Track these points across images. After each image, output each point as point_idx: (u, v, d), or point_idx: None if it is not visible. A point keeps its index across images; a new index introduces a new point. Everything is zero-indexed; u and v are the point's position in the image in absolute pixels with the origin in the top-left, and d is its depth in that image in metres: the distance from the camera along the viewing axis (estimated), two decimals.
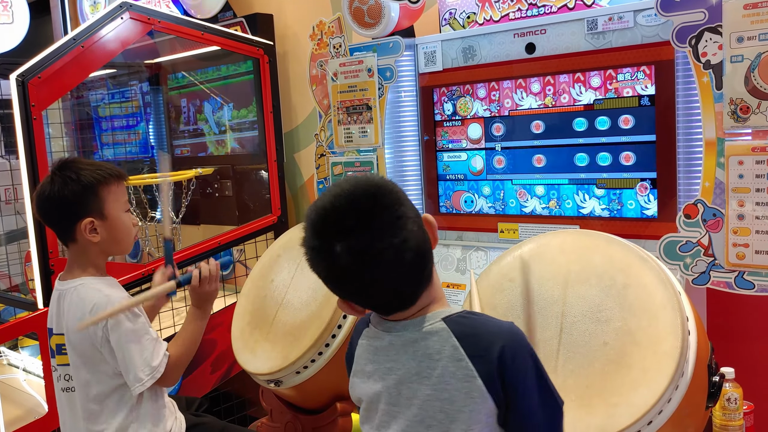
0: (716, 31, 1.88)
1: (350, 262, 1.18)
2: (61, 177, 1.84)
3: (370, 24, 2.64)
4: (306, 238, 1.25)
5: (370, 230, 1.18)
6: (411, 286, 1.24)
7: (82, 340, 1.83)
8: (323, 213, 1.22)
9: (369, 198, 1.20)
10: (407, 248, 1.19)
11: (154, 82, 4.04)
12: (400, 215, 1.19)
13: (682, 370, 1.51)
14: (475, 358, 1.18)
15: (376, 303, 1.29)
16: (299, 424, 2.28)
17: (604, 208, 2.26)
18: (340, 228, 1.19)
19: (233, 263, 2.07)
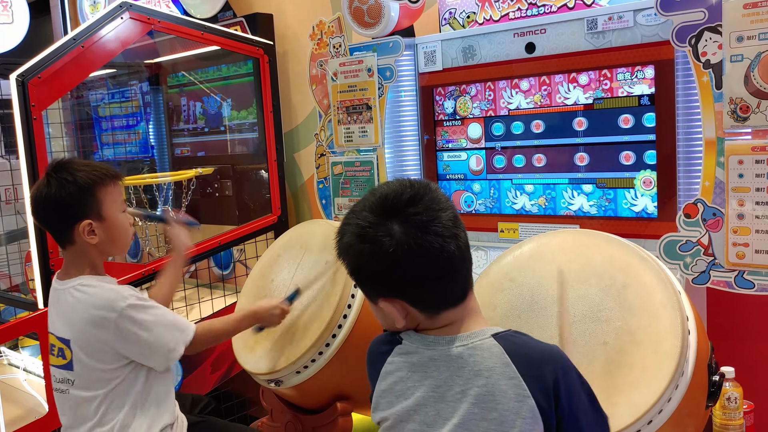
0: (716, 30, 1.88)
1: (406, 235, 1.17)
2: (57, 179, 1.82)
3: (370, 24, 2.64)
4: (352, 236, 1.25)
5: (423, 203, 1.20)
6: (462, 273, 1.24)
7: (90, 339, 1.81)
8: (382, 196, 1.23)
9: (420, 185, 1.24)
10: (457, 225, 1.21)
11: (154, 81, 4.05)
12: (449, 204, 1.23)
13: (682, 369, 1.51)
14: (528, 378, 1.15)
15: (428, 293, 1.24)
16: (299, 423, 2.28)
17: (603, 208, 2.26)
18: (395, 206, 1.20)
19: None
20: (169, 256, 3.11)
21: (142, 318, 1.81)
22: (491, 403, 1.15)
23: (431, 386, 1.22)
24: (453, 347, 1.21)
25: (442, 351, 1.22)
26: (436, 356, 1.23)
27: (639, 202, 2.18)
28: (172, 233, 2.24)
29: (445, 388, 1.20)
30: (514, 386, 1.14)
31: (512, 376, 1.15)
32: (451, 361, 1.20)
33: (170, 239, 2.26)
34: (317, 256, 2.21)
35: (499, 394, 1.15)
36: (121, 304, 1.79)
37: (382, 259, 1.20)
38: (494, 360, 1.17)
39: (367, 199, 1.25)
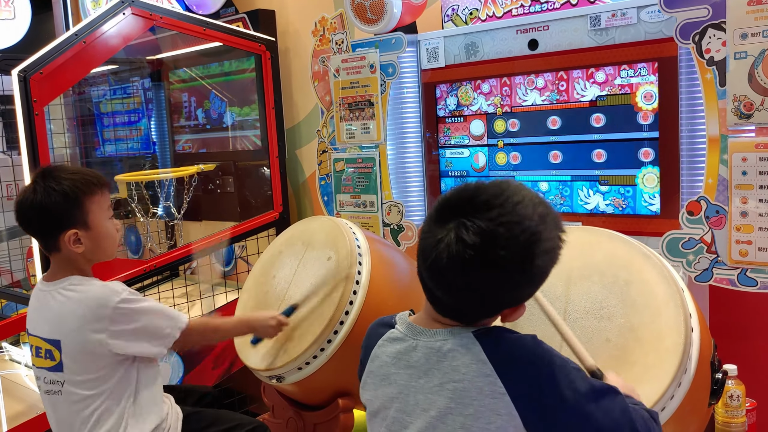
0: (720, 27, 1.87)
1: (469, 240, 1.12)
2: (44, 187, 1.78)
3: (373, 20, 2.63)
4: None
5: (492, 217, 1.13)
6: (472, 305, 1.20)
7: (82, 338, 1.78)
8: (461, 191, 1.19)
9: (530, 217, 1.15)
10: (493, 276, 1.14)
11: (156, 78, 4.04)
12: (527, 255, 1.14)
13: (685, 367, 1.51)
14: (504, 376, 1.14)
15: (436, 295, 1.22)
16: (301, 420, 2.27)
17: (607, 204, 2.26)
18: (474, 206, 1.15)
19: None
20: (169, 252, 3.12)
21: (136, 308, 1.81)
22: (467, 399, 1.16)
23: (412, 376, 1.23)
24: (434, 341, 1.22)
25: (424, 343, 1.23)
26: (419, 347, 1.24)
27: (642, 200, 2.18)
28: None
29: (424, 380, 1.21)
30: (490, 383, 1.14)
31: (488, 373, 1.15)
32: (432, 354, 1.21)
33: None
34: (319, 253, 2.21)
35: (474, 390, 1.15)
36: (115, 298, 1.77)
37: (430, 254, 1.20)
38: (471, 356, 1.17)
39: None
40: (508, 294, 1.20)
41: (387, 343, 1.30)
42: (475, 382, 1.15)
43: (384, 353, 1.30)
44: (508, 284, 1.17)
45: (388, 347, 1.29)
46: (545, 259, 1.18)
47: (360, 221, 2.78)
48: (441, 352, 1.20)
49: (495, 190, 1.16)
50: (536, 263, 1.16)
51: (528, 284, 1.21)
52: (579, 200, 2.32)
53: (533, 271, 1.17)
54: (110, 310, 1.77)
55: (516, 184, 1.20)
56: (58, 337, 1.82)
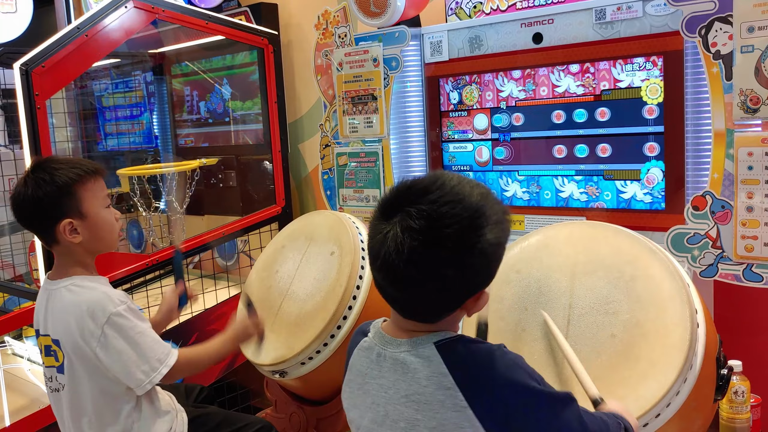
0: (727, 20, 1.86)
1: (414, 225, 1.11)
2: (35, 179, 1.76)
3: (376, 13, 2.62)
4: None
5: (432, 209, 1.12)
6: (430, 304, 1.18)
7: (76, 338, 1.76)
8: (404, 184, 1.18)
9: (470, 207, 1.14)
10: (445, 258, 1.12)
11: (158, 71, 4.03)
12: (474, 231, 1.13)
13: (690, 362, 1.50)
14: (465, 389, 1.13)
15: (394, 296, 1.20)
16: (304, 415, 2.27)
17: (611, 199, 2.24)
18: (413, 195, 1.14)
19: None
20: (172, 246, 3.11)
21: (130, 325, 1.76)
22: (430, 412, 1.15)
23: (382, 387, 1.22)
24: (399, 352, 1.21)
25: (391, 353, 1.22)
26: (387, 356, 1.23)
27: (647, 194, 2.17)
28: (167, 295, 2.19)
29: (393, 391, 1.20)
30: (451, 396, 1.13)
31: (449, 386, 1.13)
32: (397, 365, 1.20)
33: (165, 296, 2.20)
34: (322, 248, 2.20)
35: (436, 403, 1.14)
36: (111, 308, 1.74)
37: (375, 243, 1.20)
38: (432, 369, 1.16)
39: None
40: (464, 279, 1.16)
41: (360, 351, 1.30)
42: (436, 396, 1.14)
43: (358, 362, 1.29)
44: (462, 266, 1.14)
45: (361, 356, 1.29)
46: (495, 233, 1.15)
47: (363, 216, 2.77)
48: (405, 364, 1.19)
49: (430, 179, 1.17)
50: (486, 238, 1.14)
51: (483, 264, 1.17)
52: (582, 195, 2.31)
53: (484, 247, 1.14)
54: (104, 318, 1.74)
55: (449, 172, 1.20)
56: (58, 337, 1.81)
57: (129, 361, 1.76)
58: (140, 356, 1.77)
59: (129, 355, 1.75)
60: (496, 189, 2.51)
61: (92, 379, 1.79)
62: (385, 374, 1.22)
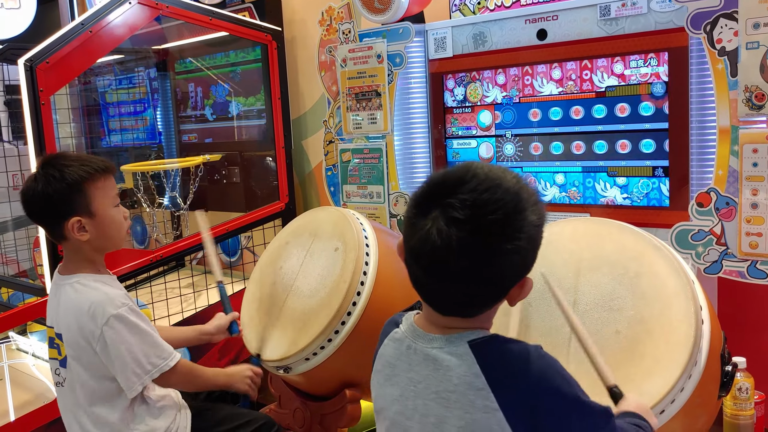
0: (732, 17, 1.85)
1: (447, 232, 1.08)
2: (45, 175, 1.76)
3: (380, 9, 2.62)
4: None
5: (471, 206, 1.08)
6: (466, 299, 1.15)
7: (77, 336, 1.78)
8: (443, 175, 1.15)
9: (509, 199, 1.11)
10: (495, 245, 1.09)
11: (162, 68, 4.03)
12: (519, 213, 1.10)
13: (695, 359, 1.50)
14: (498, 390, 1.10)
15: (439, 293, 1.18)
16: (308, 410, 2.28)
17: (616, 196, 2.24)
18: (449, 187, 1.11)
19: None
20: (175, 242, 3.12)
21: (128, 329, 1.76)
22: (460, 411, 1.13)
23: (412, 380, 1.21)
24: (431, 347, 1.19)
25: (421, 348, 1.20)
26: (418, 351, 1.21)
27: (651, 191, 2.16)
28: (220, 320, 2.22)
29: (422, 386, 1.19)
30: (483, 398, 1.11)
31: (481, 387, 1.11)
32: (429, 361, 1.19)
33: (219, 325, 2.22)
34: (326, 243, 2.20)
35: (467, 403, 1.12)
36: (111, 310, 1.75)
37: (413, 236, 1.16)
38: (465, 368, 1.14)
39: None
40: (513, 265, 1.13)
41: (391, 342, 1.28)
42: (467, 395, 1.12)
43: (387, 353, 1.27)
44: (509, 251, 1.10)
45: (390, 347, 1.27)
46: (536, 213, 1.13)
47: (367, 212, 2.78)
48: (437, 361, 1.17)
49: (462, 169, 1.14)
50: (530, 219, 1.12)
51: (530, 247, 1.14)
52: (588, 191, 2.31)
53: (529, 229, 1.12)
54: (103, 320, 1.74)
55: (476, 161, 1.18)
56: (62, 332, 1.83)
57: (123, 363, 1.76)
58: (134, 359, 1.77)
59: (124, 358, 1.76)
60: None
61: (91, 376, 1.80)
62: (415, 368, 1.21)
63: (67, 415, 1.89)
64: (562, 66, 2.30)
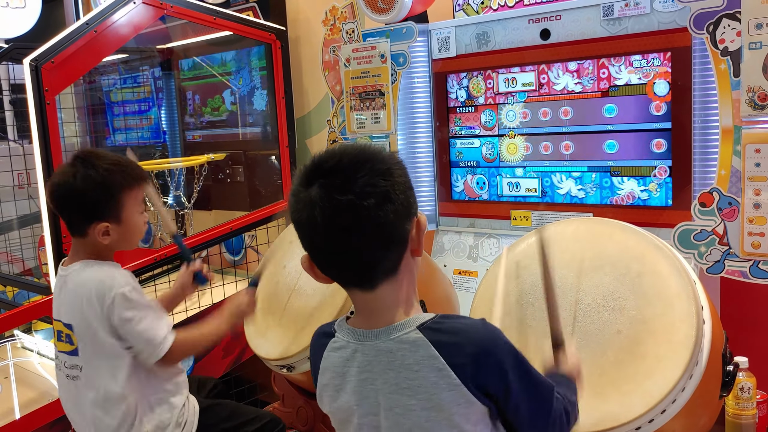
0: (735, 17, 1.85)
1: (318, 198, 1.13)
2: (84, 174, 1.77)
3: (384, 9, 2.62)
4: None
5: (347, 177, 1.14)
6: (368, 259, 1.18)
7: (88, 323, 1.80)
8: (312, 158, 1.20)
9: (360, 156, 1.16)
10: (371, 214, 1.13)
11: (166, 67, 4.04)
12: (381, 186, 1.14)
13: (696, 359, 1.51)
14: (456, 367, 1.13)
15: (333, 264, 1.23)
16: (311, 409, 2.29)
17: (618, 195, 2.25)
18: (320, 168, 1.16)
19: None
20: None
21: (133, 306, 1.79)
22: (426, 395, 1.15)
23: (368, 380, 1.21)
24: (380, 342, 1.20)
25: (370, 346, 1.21)
26: (366, 351, 1.22)
27: (653, 191, 2.17)
28: (182, 276, 2.20)
29: (381, 382, 1.20)
30: (444, 377, 1.14)
31: (440, 367, 1.14)
32: (381, 356, 1.20)
33: (183, 282, 2.21)
34: None
35: (431, 385, 1.15)
36: (117, 289, 1.77)
37: (296, 217, 1.21)
38: (421, 353, 1.16)
39: None
40: (396, 202, 1.16)
41: (333, 353, 1.27)
42: (429, 378, 1.15)
43: (332, 364, 1.27)
44: (389, 188, 1.15)
45: (334, 357, 1.27)
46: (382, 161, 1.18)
47: None
48: (391, 353, 1.18)
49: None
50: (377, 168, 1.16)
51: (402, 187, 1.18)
52: (589, 190, 2.31)
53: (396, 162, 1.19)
54: (109, 299, 1.77)
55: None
56: (71, 321, 1.84)
57: (141, 331, 1.79)
58: (153, 325, 1.80)
59: (134, 334, 1.79)
60: (505, 184, 2.52)
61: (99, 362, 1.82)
62: (367, 368, 1.21)
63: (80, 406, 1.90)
64: (566, 65, 2.30)
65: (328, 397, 1.29)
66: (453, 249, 2.62)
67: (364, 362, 1.22)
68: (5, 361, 2.90)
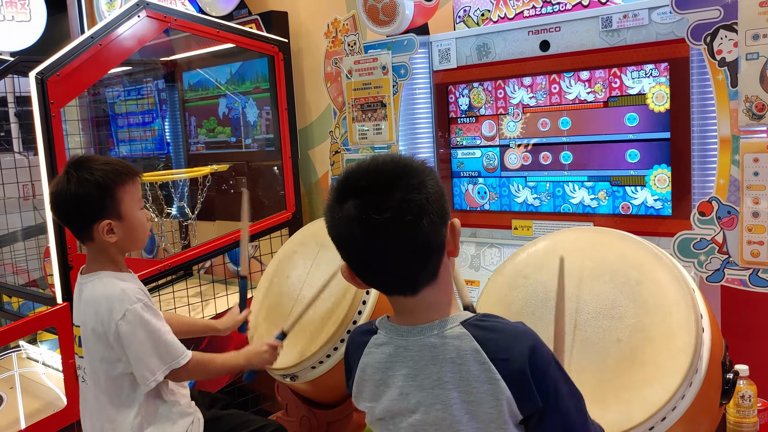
0: (732, 28, 1.87)
1: (355, 217, 1.18)
2: (78, 177, 1.82)
3: (385, 21, 2.65)
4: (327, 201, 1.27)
5: (383, 195, 1.17)
6: (410, 270, 1.22)
7: (95, 326, 1.83)
8: (345, 173, 1.24)
9: (392, 171, 1.20)
10: (411, 228, 1.17)
11: (170, 79, 4.07)
12: (416, 201, 1.18)
13: (695, 366, 1.52)
14: (497, 361, 1.18)
15: (375, 276, 1.27)
16: (314, 418, 2.30)
17: (618, 205, 2.26)
18: (355, 186, 1.20)
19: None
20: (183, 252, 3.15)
21: (143, 324, 1.81)
22: (467, 387, 1.19)
23: (409, 376, 1.25)
24: (425, 337, 1.24)
25: (414, 341, 1.25)
26: (409, 346, 1.26)
27: (653, 200, 2.18)
28: (234, 315, 2.30)
29: (422, 377, 1.23)
30: (485, 370, 1.18)
31: (483, 361, 1.18)
32: (425, 350, 1.24)
33: (230, 315, 2.31)
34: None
35: (472, 379, 1.19)
36: (127, 305, 1.80)
37: (336, 232, 1.26)
38: (465, 347, 1.20)
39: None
40: (434, 211, 1.19)
41: (374, 349, 1.31)
42: (471, 371, 1.19)
43: (374, 360, 1.30)
44: (428, 197, 1.19)
45: (376, 353, 1.30)
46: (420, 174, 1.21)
47: None
48: (435, 347, 1.23)
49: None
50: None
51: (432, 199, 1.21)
52: (590, 201, 2.33)
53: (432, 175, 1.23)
54: (119, 315, 1.79)
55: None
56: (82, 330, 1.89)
57: (137, 357, 1.81)
58: (150, 354, 1.81)
59: (138, 351, 1.80)
60: (506, 195, 2.54)
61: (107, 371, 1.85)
62: (409, 364, 1.25)
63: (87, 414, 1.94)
64: (566, 76, 2.32)
65: (368, 391, 1.32)
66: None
67: (407, 358, 1.25)
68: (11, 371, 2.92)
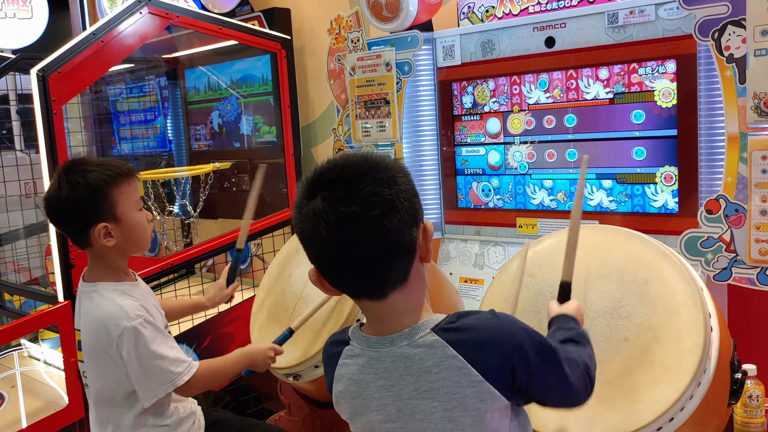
0: (740, 24, 1.85)
1: (322, 211, 1.13)
2: (68, 181, 1.75)
3: (389, 18, 2.63)
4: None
5: (350, 188, 1.13)
6: (377, 271, 1.17)
7: (93, 342, 1.79)
8: (315, 169, 1.19)
9: (362, 165, 1.16)
10: (377, 224, 1.12)
11: (172, 76, 4.06)
12: (385, 195, 1.13)
13: (704, 366, 1.50)
14: (476, 364, 1.14)
15: (342, 278, 1.22)
16: (317, 418, 2.28)
17: (624, 203, 2.24)
18: (324, 180, 1.16)
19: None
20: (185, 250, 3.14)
21: (142, 342, 1.75)
22: (448, 395, 1.15)
23: (385, 387, 1.21)
24: (396, 348, 1.20)
25: (386, 352, 1.21)
26: (382, 357, 1.21)
27: (660, 198, 2.17)
28: (220, 289, 2.26)
29: (399, 388, 1.20)
30: (465, 375, 1.14)
31: (461, 366, 1.14)
32: (398, 361, 1.20)
33: (216, 289, 2.27)
34: None
35: (453, 385, 1.15)
36: (125, 323, 1.73)
37: (301, 231, 1.21)
38: (439, 354, 1.16)
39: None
40: (402, 210, 1.15)
41: (349, 360, 1.27)
42: (450, 378, 1.15)
43: (348, 372, 1.26)
44: (395, 196, 1.14)
45: (350, 365, 1.26)
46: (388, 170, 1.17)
47: None
48: (408, 358, 1.18)
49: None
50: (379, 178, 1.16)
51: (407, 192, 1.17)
52: (595, 199, 2.31)
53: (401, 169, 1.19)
54: (117, 333, 1.74)
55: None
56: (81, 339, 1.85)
57: (137, 377, 1.76)
58: (148, 375, 1.76)
59: (137, 372, 1.75)
60: (510, 192, 2.52)
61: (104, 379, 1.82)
62: (383, 375, 1.21)
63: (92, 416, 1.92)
64: (571, 73, 2.30)
65: (346, 403, 1.29)
66: (459, 257, 2.61)
67: (380, 369, 1.22)
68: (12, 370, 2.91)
